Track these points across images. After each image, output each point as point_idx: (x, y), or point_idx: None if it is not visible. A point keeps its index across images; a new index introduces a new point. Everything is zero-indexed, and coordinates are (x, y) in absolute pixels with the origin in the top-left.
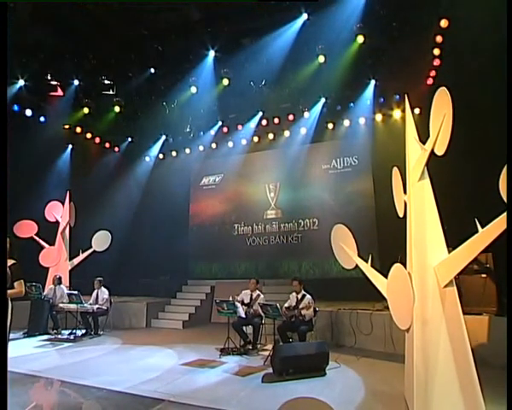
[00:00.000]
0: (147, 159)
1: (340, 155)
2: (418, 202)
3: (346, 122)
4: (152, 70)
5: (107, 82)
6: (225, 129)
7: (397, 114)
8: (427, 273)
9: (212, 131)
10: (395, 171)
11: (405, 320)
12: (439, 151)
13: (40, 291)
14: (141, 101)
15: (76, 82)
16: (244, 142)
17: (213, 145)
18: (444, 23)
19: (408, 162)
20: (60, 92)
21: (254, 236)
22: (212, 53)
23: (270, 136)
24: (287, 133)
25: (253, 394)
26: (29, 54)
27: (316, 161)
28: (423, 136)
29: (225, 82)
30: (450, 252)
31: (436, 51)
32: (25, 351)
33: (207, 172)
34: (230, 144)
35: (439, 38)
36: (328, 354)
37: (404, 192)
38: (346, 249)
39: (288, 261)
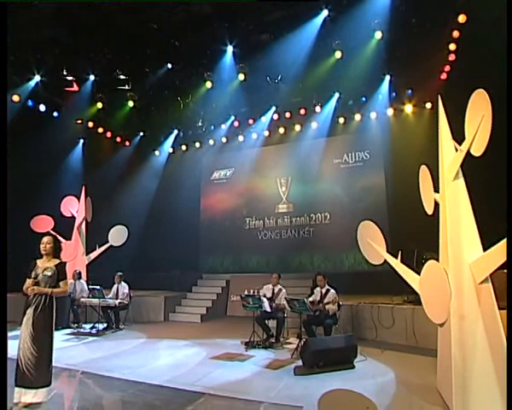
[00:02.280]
0: (156, 153)
1: (352, 149)
2: (453, 201)
3: (358, 117)
4: (169, 65)
5: (122, 77)
6: (237, 123)
7: (409, 108)
8: (463, 270)
9: (224, 126)
10: (424, 169)
11: (441, 315)
12: (477, 152)
13: None
14: (155, 95)
15: (92, 77)
16: (255, 136)
17: (224, 140)
18: (461, 18)
19: (441, 162)
20: (75, 88)
21: (266, 230)
22: (230, 48)
23: (282, 130)
24: (298, 128)
25: (289, 386)
26: (45, 49)
27: (327, 156)
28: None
29: (241, 77)
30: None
31: (452, 46)
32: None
33: (218, 166)
34: (241, 139)
35: (455, 33)
36: (356, 347)
37: (435, 191)
38: (374, 245)
39: (300, 255)
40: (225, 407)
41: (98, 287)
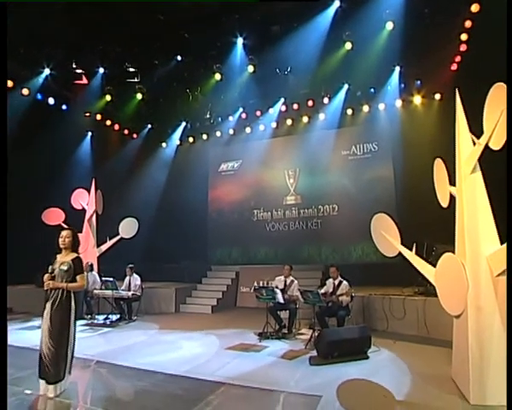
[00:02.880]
0: (164, 145)
1: (361, 141)
2: (470, 195)
3: (366, 108)
4: (179, 57)
5: (131, 70)
6: (245, 115)
7: (417, 100)
8: (480, 263)
9: (232, 118)
10: (438, 162)
11: (457, 307)
12: (496, 146)
13: None
14: (163, 88)
15: (101, 70)
16: (263, 128)
17: (232, 131)
18: (474, 8)
19: (458, 155)
20: (85, 81)
21: (274, 221)
22: (240, 40)
23: (290, 122)
24: (306, 119)
25: (307, 376)
26: (55, 43)
27: (336, 147)
28: (445, 122)
29: (250, 69)
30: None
31: (463, 36)
32: None
33: (226, 158)
34: (249, 130)
35: (468, 23)
36: (370, 337)
37: (450, 184)
38: (388, 238)
39: (308, 247)
40: (245, 397)
41: (111, 279)
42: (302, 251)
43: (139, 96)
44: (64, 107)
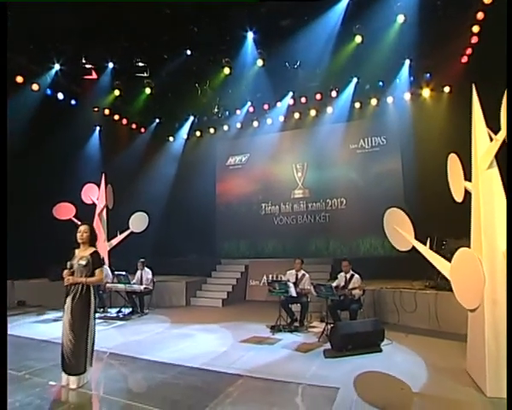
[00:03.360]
0: (172, 139)
1: (369, 134)
2: (486, 190)
3: (374, 101)
4: (188, 52)
5: (141, 64)
6: (252, 109)
7: (426, 93)
8: (496, 257)
9: (239, 111)
10: (453, 157)
11: (473, 301)
12: None
13: None
14: (172, 82)
15: (110, 65)
16: (271, 121)
17: (240, 125)
18: None
19: (474, 150)
20: (94, 76)
21: (282, 215)
22: (250, 34)
23: (297, 115)
24: (314, 113)
25: (323, 368)
26: (64, 38)
27: (344, 141)
28: (454, 115)
29: (260, 63)
30: None
31: (475, 28)
32: None
33: (233, 152)
34: (257, 124)
35: (480, 15)
36: (383, 331)
37: (465, 179)
38: (401, 232)
39: (316, 240)
40: (264, 389)
41: (124, 273)
42: (310, 245)
43: (147, 90)
44: (73, 102)
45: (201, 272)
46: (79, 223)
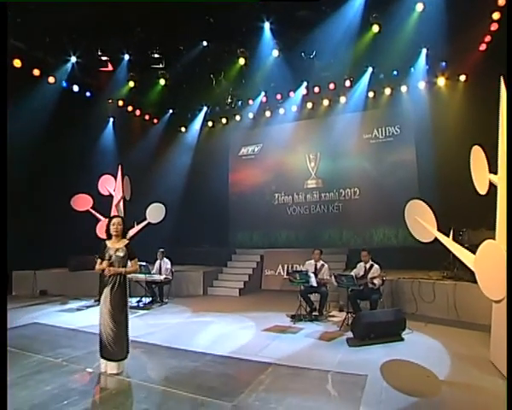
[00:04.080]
0: (184, 129)
1: (382, 124)
2: None
3: (388, 91)
4: (204, 43)
5: (156, 56)
6: (265, 99)
7: (441, 81)
8: None
9: (251, 101)
10: (477, 149)
11: (499, 292)
12: None
13: None
14: (187, 73)
15: (126, 57)
16: (283, 111)
17: (252, 115)
18: None
19: (502, 143)
20: (110, 68)
21: (295, 205)
22: (267, 25)
23: (310, 105)
24: (327, 102)
25: (348, 356)
26: (80, 31)
27: (357, 131)
28: (469, 104)
29: (275, 53)
30: None
31: (495, 15)
32: None
33: (246, 142)
34: (269, 114)
35: (501, 1)
36: (405, 320)
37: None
38: (423, 224)
39: (329, 230)
40: (294, 376)
41: (144, 263)
42: (323, 235)
43: (162, 81)
44: (88, 94)
45: (217, 262)
46: (98, 215)
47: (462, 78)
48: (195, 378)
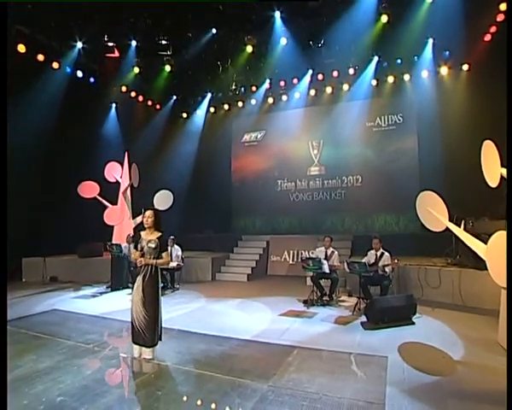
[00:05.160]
0: (186, 115)
1: (385, 112)
2: None
3: (391, 79)
4: (214, 31)
5: (164, 42)
6: (269, 86)
7: (444, 70)
8: None
9: (255, 88)
10: (489, 144)
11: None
12: None
13: (121, 249)
14: (193, 60)
15: (134, 43)
16: (286, 98)
17: (255, 102)
18: None
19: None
20: (116, 54)
21: (298, 191)
22: (277, 14)
23: (313, 92)
24: (330, 90)
25: (366, 339)
26: (87, 16)
27: (360, 119)
28: (471, 93)
29: (283, 41)
30: None
31: (502, 6)
32: (127, 304)
33: (249, 128)
34: (272, 101)
35: None
36: (416, 305)
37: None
38: (435, 214)
39: (332, 217)
40: (319, 358)
41: None
42: (326, 221)
43: (168, 68)
44: (92, 80)
45: (222, 248)
46: (105, 202)
47: (465, 67)
48: (226, 362)
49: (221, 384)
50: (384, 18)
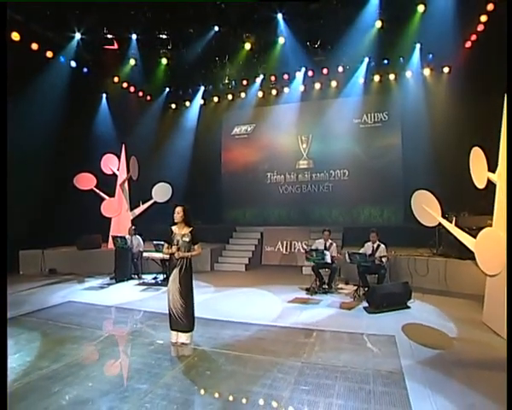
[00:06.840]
0: (180, 107)
1: (372, 110)
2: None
3: (377, 78)
4: (216, 28)
5: (164, 37)
6: (260, 81)
7: (426, 72)
8: None
9: (245, 82)
10: (477, 150)
11: (496, 269)
12: None
13: (126, 241)
14: (190, 54)
15: (134, 36)
16: (276, 93)
17: (244, 95)
18: None
19: (503, 142)
20: (115, 46)
21: (287, 184)
22: (279, 16)
23: (302, 88)
24: (319, 86)
25: (372, 321)
26: (86, 7)
27: (348, 115)
28: (451, 94)
29: (281, 40)
30: None
31: (483, 18)
32: (138, 295)
33: (239, 121)
34: (261, 95)
35: (490, 6)
36: (411, 291)
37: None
38: (430, 211)
39: (319, 209)
40: (337, 338)
41: (162, 242)
42: (314, 213)
43: (164, 61)
44: (85, 70)
45: (217, 239)
46: (102, 194)
47: (446, 70)
48: (257, 344)
49: (260, 363)
50: (378, 23)
